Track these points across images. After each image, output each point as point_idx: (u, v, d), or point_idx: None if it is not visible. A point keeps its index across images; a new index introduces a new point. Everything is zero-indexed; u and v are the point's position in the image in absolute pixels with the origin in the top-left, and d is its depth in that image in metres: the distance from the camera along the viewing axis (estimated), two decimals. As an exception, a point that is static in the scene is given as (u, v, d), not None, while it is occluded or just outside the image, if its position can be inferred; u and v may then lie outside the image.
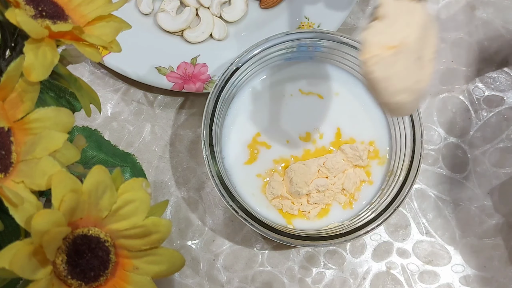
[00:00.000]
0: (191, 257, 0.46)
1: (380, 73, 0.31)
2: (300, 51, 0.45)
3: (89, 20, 0.27)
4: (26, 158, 0.24)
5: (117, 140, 0.49)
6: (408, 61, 0.32)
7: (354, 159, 0.43)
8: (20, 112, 0.25)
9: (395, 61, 0.32)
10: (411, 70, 0.32)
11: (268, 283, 0.46)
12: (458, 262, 0.46)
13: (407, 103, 0.33)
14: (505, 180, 0.48)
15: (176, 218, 0.47)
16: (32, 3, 0.25)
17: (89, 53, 0.25)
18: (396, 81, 0.32)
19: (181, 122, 0.50)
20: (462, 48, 0.52)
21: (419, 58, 0.33)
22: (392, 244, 0.47)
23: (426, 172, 0.48)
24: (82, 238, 0.25)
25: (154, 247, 0.26)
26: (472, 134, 0.49)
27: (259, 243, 0.47)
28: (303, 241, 0.39)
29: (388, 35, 0.32)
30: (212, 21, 0.50)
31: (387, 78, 0.31)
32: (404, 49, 0.32)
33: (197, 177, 0.48)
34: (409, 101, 0.33)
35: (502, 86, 0.51)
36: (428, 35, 0.34)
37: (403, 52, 0.32)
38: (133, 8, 0.51)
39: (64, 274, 0.24)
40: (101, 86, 0.50)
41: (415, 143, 0.41)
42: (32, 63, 0.24)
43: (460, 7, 0.53)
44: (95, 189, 0.24)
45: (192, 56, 0.49)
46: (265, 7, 0.52)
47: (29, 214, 0.23)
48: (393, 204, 0.40)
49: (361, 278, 0.46)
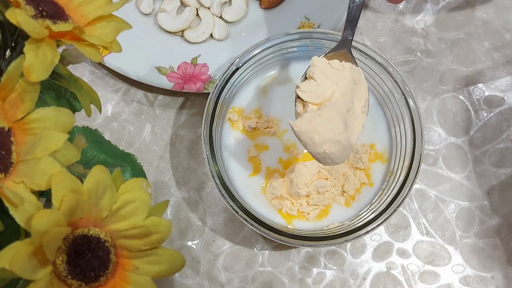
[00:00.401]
0: (191, 257, 0.46)
1: (302, 127, 0.35)
2: (300, 51, 0.45)
3: (90, 20, 0.27)
4: (26, 158, 0.24)
5: (117, 140, 0.49)
6: (333, 115, 0.36)
7: (354, 161, 0.43)
8: (20, 112, 0.25)
9: (318, 116, 0.35)
10: (336, 123, 0.35)
11: (269, 283, 0.46)
12: (458, 262, 0.46)
13: (333, 153, 0.35)
14: (505, 180, 0.48)
15: (176, 218, 0.47)
16: (33, 3, 0.25)
17: (89, 53, 0.25)
18: (318, 134, 0.35)
19: (181, 122, 0.50)
20: (462, 48, 0.52)
21: (349, 110, 0.37)
22: (393, 245, 0.47)
23: (426, 172, 0.48)
24: (82, 238, 0.25)
25: (154, 247, 0.26)
26: (472, 134, 0.49)
27: (259, 244, 0.47)
28: (304, 241, 0.39)
29: (314, 93, 0.37)
30: (212, 21, 0.50)
31: (309, 131, 0.35)
32: (328, 104, 0.36)
33: (197, 177, 0.48)
34: (335, 151, 0.35)
35: (502, 86, 0.51)
36: (358, 89, 0.39)
37: (327, 107, 0.36)
38: (134, 8, 0.51)
39: (64, 274, 0.24)
40: (101, 86, 0.50)
41: (415, 143, 0.41)
42: (32, 63, 0.24)
43: (460, 7, 0.53)
44: (95, 189, 0.24)
45: (193, 56, 0.49)
46: (265, 7, 0.52)
47: (29, 214, 0.23)
48: (393, 204, 0.40)
49: (361, 278, 0.46)
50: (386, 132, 0.45)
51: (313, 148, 0.35)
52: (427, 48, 0.51)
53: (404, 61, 0.51)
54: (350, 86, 0.38)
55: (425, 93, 0.50)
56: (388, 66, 0.42)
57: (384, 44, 0.52)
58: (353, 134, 0.37)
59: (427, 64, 0.51)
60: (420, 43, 0.52)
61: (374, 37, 0.52)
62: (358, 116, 0.38)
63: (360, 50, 0.42)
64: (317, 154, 0.36)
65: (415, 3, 0.53)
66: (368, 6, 0.52)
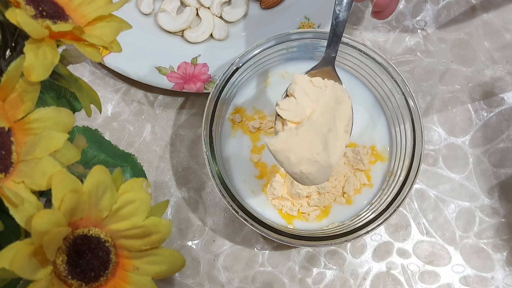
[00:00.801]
0: (191, 257, 0.46)
1: (278, 146, 0.34)
2: (300, 51, 0.45)
3: (90, 20, 0.27)
4: (27, 158, 0.24)
5: (117, 140, 0.49)
6: (311, 135, 0.34)
7: (355, 162, 0.43)
8: (20, 112, 0.25)
9: (294, 135, 0.34)
10: (314, 143, 0.34)
11: (269, 283, 0.46)
12: (458, 262, 0.46)
13: (311, 173, 0.34)
14: (505, 180, 0.48)
15: (177, 218, 0.47)
16: (33, 3, 0.25)
17: (89, 53, 0.25)
18: (295, 153, 0.34)
19: (181, 122, 0.50)
20: (462, 48, 0.52)
21: (330, 130, 0.36)
22: (393, 244, 0.47)
23: (426, 172, 0.48)
24: (83, 238, 0.25)
25: (154, 247, 0.26)
26: (472, 134, 0.49)
27: (259, 243, 0.47)
28: (304, 241, 0.39)
29: (293, 112, 0.35)
30: (212, 21, 0.50)
31: (285, 150, 0.34)
32: (306, 123, 0.35)
33: (197, 177, 0.48)
34: (312, 171, 0.34)
35: (502, 86, 0.51)
36: (341, 108, 0.38)
37: (305, 126, 0.34)
38: (134, 8, 0.51)
39: (65, 274, 0.24)
40: (101, 86, 0.50)
41: (415, 143, 0.41)
42: (33, 63, 0.24)
43: (460, 7, 0.53)
44: (96, 189, 0.24)
45: (193, 56, 0.49)
46: (265, 7, 0.52)
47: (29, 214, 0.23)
48: (393, 204, 0.40)
49: (361, 278, 0.46)
50: (386, 132, 0.45)
51: (290, 168, 0.34)
52: (427, 48, 0.51)
53: (404, 61, 0.51)
54: (331, 105, 0.37)
55: (425, 93, 0.50)
56: (388, 66, 0.42)
57: (384, 44, 0.52)
58: (334, 154, 0.36)
59: (427, 64, 0.51)
60: (420, 43, 0.52)
61: (374, 37, 0.52)
62: (341, 136, 0.37)
63: (360, 50, 0.42)
64: (294, 174, 0.35)
65: (415, 3, 0.53)
66: (368, 6, 0.52)
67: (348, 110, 0.38)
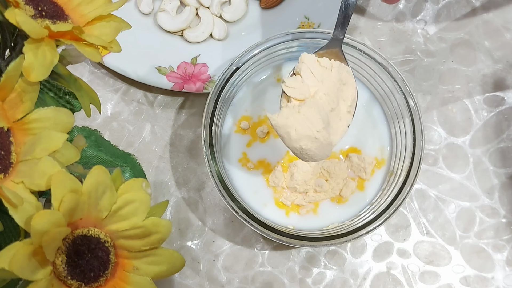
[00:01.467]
0: (191, 257, 0.46)
1: (280, 121, 0.35)
2: (300, 51, 0.45)
3: (89, 20, 0.27)
4: (26, 159, 0.24)
5: (117, 140, 0.49)
6: (312, 113, 0.36)
7: (358, 169, 0.43)
8: (19, 112, 0.25)
9: (296, 112, 0.36)
10: (315, 120, 0.36)
11: (269, 283, 0.46)
12: (458, 262, 0.46)
13: (310, 149, 0.36)
14: (505, 180, 0.48)
15: (176, 219, 0.47)
16: (32, 3, 0.25)
17: (89, 53, 0.25)
18: (295, 129, 0.35)
19: (181, 122, 0.50)
20: (462, 48, 0.52)
21: (333, 109, 0.38)
22: (393, 245, 0.47)
23: (426, 172, 0.48)
24: (82, 238, 0.25)
25: (154, 247, 0.26)
26: (473, 134, 0.49)
27: (259, 244, 0.47)
28: (304, 242, 0.39)
29: (298, 90, 0.37)
30: (212, 21, 0.50)
31: (286, 126, 0.35)
32: (309, 102, 0.36)
33: (197, 177, 0.48)
34: (312, 147, 0.36)
35: (502, 86, 0.51)
36: (346, 89, 0.39)
37: (307, 104, 0.36)
38: (133, 8, 0.51)
39: (64, 274, 0.24)
40: (101, 86, 0.50)
41: (416, 143, 0.41)
42: (32, 63, 0.24)
43: (460, 6, 0.53)
44: (95, 189, 0.24)
45: (192, 56, 0.49)
46: (265, 7, 0.52)
47: (28, 215, 0.23)
48: (393, 204, 0.40)
49: (361, 278, 0.46)
50: (386, 132, 0.45)
51: (290, 143, 0.36)
52: (427, 48, 0.51)
53: (404, 60, 0.51)
54: (336, 86, 0.38)
55: (425, 93, 0.50)
56: (388, 65, 0.42)
57: (384, 43, 0.52)
58: (335, 133, 0.38)
59: (427, 63, 0.51)
60: (420, 43, 0.52)
61: (374, 36, 0.52)
62: (343, 117, 0.39)
63: (360, 49, 0.42)
64: (294, 149, 0.36)
65: (415, 3, 0.53)
66: (368, 5, 0.52)
67: (353, 91, 0.39)
